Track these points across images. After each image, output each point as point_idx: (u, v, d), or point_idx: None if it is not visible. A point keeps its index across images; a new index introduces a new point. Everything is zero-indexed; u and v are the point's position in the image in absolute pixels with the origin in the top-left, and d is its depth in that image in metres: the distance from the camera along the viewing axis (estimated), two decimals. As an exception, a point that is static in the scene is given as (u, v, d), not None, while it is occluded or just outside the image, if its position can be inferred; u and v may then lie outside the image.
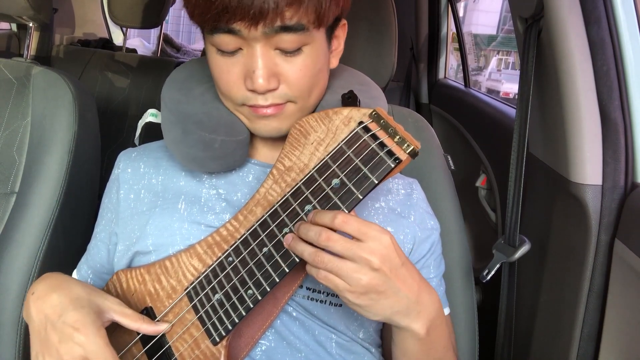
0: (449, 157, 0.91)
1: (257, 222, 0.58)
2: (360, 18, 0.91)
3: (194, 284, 0.61)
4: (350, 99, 0.60)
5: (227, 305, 0.59)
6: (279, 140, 0.68)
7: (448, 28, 2.13)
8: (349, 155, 0.55)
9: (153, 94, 1.79)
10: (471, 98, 1.77)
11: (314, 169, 0.56)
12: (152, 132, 0.90)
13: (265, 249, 0.57)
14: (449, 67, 2.19)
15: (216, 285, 0.60)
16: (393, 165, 0.53)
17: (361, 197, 0.53)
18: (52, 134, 0.90)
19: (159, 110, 0.86)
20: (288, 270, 0.56)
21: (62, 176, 0.88)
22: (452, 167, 0.90)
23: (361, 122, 0.56)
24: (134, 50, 2.30)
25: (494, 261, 0.84)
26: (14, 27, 1.98)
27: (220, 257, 0.60)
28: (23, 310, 0.61)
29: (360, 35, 0.91)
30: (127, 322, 0.60)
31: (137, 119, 0.94)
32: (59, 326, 0.55)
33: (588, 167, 0.77)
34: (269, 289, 0.57)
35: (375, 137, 0.54)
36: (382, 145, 0.53)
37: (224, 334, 0.59)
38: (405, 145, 0.53)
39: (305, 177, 0.57)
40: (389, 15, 0.92)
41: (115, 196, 0.72)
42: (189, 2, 0.58)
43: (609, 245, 0.76)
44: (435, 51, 2.16)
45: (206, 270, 0.61)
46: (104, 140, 1.05)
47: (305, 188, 0.56)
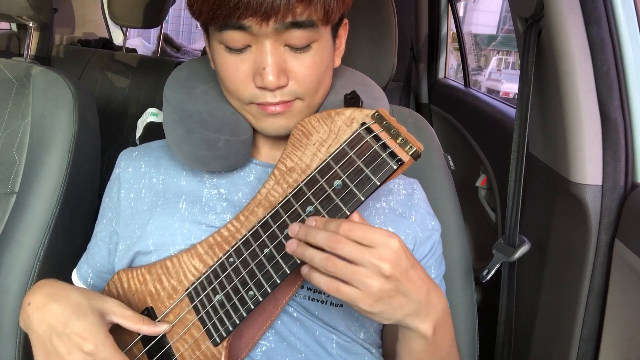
0: (449, 157, 0.91)
1: (258, 223, 0.58)
2: (361, 18, 0.91)
3: (194, 285, 0.61)
4: (352, 100, 0.59)
5: (228, 306, 0.59)
6: (281, 140, 0.68)
7: (448, 28, 2.13)
8: (351, 156, 0.54)
9: (153, 94, 1.79)
10: (471, 98, 1.77)
11: (315, 170, 0.56)
12: (153, 132, 0.89)
13: (266, 250, 0.57)
14: (449, 67, 2.19)
15: (217, 286, 0.60)
16: (395, 167, 0.52)
17: (363, 199, 0.53)
18: (52, 134, 0.90)
19: (160, 109, 0.86)
20: (289, 272, 0.56)
21: (62, 176, 0.88)
22: (452, 167, 0.90)
23: (364, 123, 0.55)
24: (134, 50, 2.30)
25: (493, 261, 0.84)
26: (14, 27, 1.98)
27: (221, 257, 0.60)
28: (20, 320, 0.60)
29: (361, 35, 0.91)
30: (127, 323, 0.60)
31: (137, 119, 0.94)
32: (65, 337, 0.55)
33: (588, 167, 0.77)
34: (270, 290, 0.56)
35: (377, 138, 0.54)
36: (385, 146, 0.53)
37: (224, 334, 0.59)
38: (408, 147, 0.52)
39: (307, 178, 0.56)
40: (389, 15, 0.92)
41: (116, 195, 0.72)
42: (196, 0, 0.58)
43: (609, 245, 0.76)
44: (435, 51, 2.15)
45: (207, 271, 0.61)
46: (104, 140, 1.05)
47: (307, 189, 0.56)
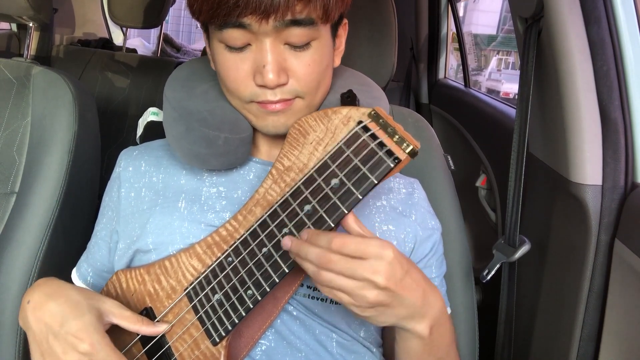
0: (449, 157, 0.91)
1: (256, 223, 0.58)
2: (361, 18, 0.91)
3: (193, 285, 0.61)
4: (349, 99, 0.60)
5: (227, 305, 0.59)
6: (281, 138, 0.68)
7: (448, 28, 2.13)
8: (348, 155, 0.54)
9: (153, 94, 1.79)
10: (471, 98, 1.77)
11: (313, 168, 0.56)
12: (154, 131, 0.89)
13: (264, 249, 0.57)
14: (449, 67, 2.19)
15: (216, 286, 0.60)
16: (392, 165, 0.52)
17: (361, 197, 0.53)
18: (52, 134, 0.90)
19: (160, 109, 0.86)
20: (288, 271, 0.56)
21: (62, 176, 0.88)
22: (452, 167, 0.90)
23: (360, 122, 0.55)
24: (134, 50, 2.30)
25: (494, 261, 0.84)
26: (14, 27, 1.98)
27: (219, 257, 0.60)
28: (19, 318, 0.60)
29: (361, 35, 0.91)
30: (126, 324, 0.60)
31: (137, 119, 0.94)
32: (61, 336, 0.55)
33: (588, 167, 0.77)
34: (268, 290, 0.56)
35: (374, 136, 0.54)
36: (382, 144, 0.53)
37: (223, 334, 0.59)
38: (405, 144, 0.52)
39: (304, 176, 0.56)
40: (389, 15, 0.92)
41: (116, 194, 0.72)
42: None
43: (609, 245, 0.76)
44: (435, 51, 2.15)
45: (206, 271, 0.61)
46: (104, 140, 1.05)
47: (305, 188, 0.56)
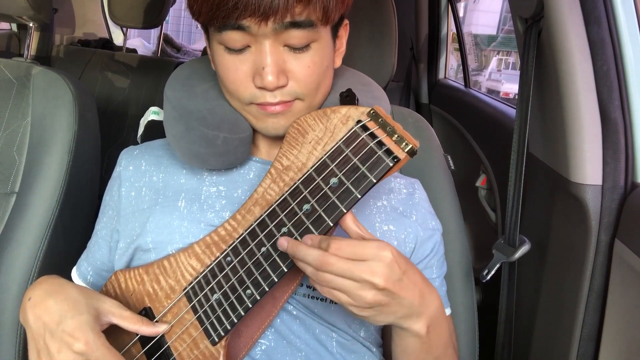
0: (449, 157, 0.91)
1: (255, 222, 0.58)
2: (361, 18, 0.91)
3: (192, 284, 0.61)
4: (348, 98, 0.60)
5: (226, 305, 0.59)
6: (281, 138, 0.68)
7: (448, 28, 2.13)
8: (347, 154, 0.54)
9: (153, 94, 1.79)
10: (471, 98, 1.77)
11: (312, 168, 0.56)
12: (154, 130, 0.90)
13: (263, 249, 0.57)
14: (449, 67, 2.19)
15: (215, 286, 0.60)
16: (391, 164, 0.52)
17: (360, 196, 0.53)
18: (52, 134, 0.90)
19: (161, 108, 0.86)
20: (287, 270, 0.56)
21: (62, 176, 0.88)
22: (452, 167, 0.90)
23: (359, 121, 0.55)
24: (134, 50, 2.30)
25: (494, 261, 0.84)
26: (14, 27, 1.98)
27: (218, 257, 0.60)
28: (20, 314, 0.60)
29: (361, 35, 0.91)
30: (126, 324, 0.59)
31: (137, 118, 0.94)
32: (58, 335, 0.55)
33: (588, 167, 0.77)
34: (267, 289, 0.56)
35: (373, 135, 0.54)
36: (381, 144, 0.53)
37: (222, 334, 0.59)
38: (404, 143, 0.52)
39: (303, 176, 0.56)
40: (389, 15, 0.92)
41: (116, 193, 0.72)
42: (196, 0, 0.58)
43: (609, 245, 0.76)
44: (435, 51, 2.15)
45: (205, 270, 0.61)
46: (104, 140, 1.05)
47: (304, 187, 0.56)
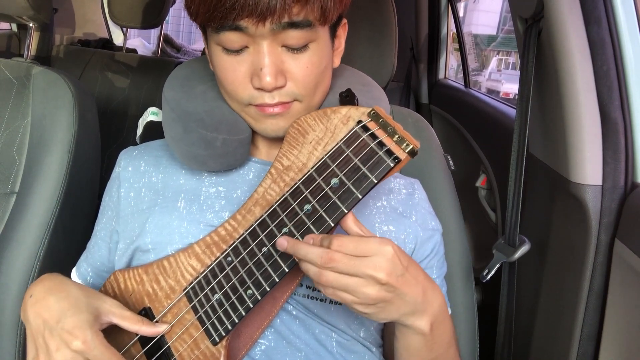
0: (449, 157, 0.91)
1: (255, 222, 0.58)
2: (361, 18, 0.91)
3: (192, 284, 0.61)
4: (347, 98, 0.59)
5: (227, 305, 0.58)
6: (281, 139, 0.68)
7: (448, 28, 2.13)
8: (347, 154, 0.54)
9: (153, 94, 1.79)
10: (471, 98, 1.77)
11: (312, 168, 0.56)
12: (154, 131, 0.90)
13: (264, 249, 0.57)
14: (449, 67, 2.19)
15: (215, 286, 0.60)
16: (392, 165, 0.52)
17: (360, 197, 0.53)
18: (52, 134, 0.90)
19: (160, 109, 0.86)
20: (288, 270, 0.56)
21: (62, 176, 0.88)
22: (452, 167, 0.90)
23: (360, 121, 0.55)
24: (134, 50, 2.30)
25: (494, 261, 0.84)
26: (14, 27, 1.98)
27: (219, 257, 0.60)
28: (21, 311, 0.60)
29: (361, 35, 0.91)
30: (126, 324, 0.59)
31: (137, 119, 0.94)
32: (57, 333, 0.55)
33: (588, 167, 0.77)
34: (268, 289, 0.56)
35: (374, 136, 0.54)
36: (381, 144, 0.53)
37: (223, 334, 0.59)
38: (405, 144, 0.52)
39: (304, 176, 0.56)
40: (389, 15, 0.92)
41: (116, 194, 0.72)
42: (193, 1, 0.58)
43: (609, 245, 0.76)
44: (435, 51, 2.15)
45: (205, 271, 0.60)
46: (104, 140, 1.05)
47: (304, 187, 0.56)
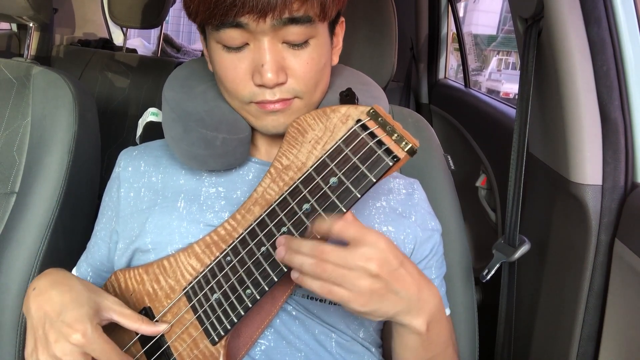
0: (449, 157, 0.91)
1: (255, 222, 0.58)
2: (361, 18, 0.91)
3: (192, 284, 0.61)
4: (348, 97, 0.59)
5: (226, 304, 0.59)
6: (280, 138, 0.68)
7: (448, 28, 2.13)
8: (346, 153, 0.54)
9: (153, 94, 1.79)
10: (471, 98, 1.77)
11: (311, 167, 0.56)
12: (153, 131, 0.90)
13: (263, 249, 0.57)
14: (449, 67, 2.19)
15: (214, 285, 0.60)
16: (391, 164, 0.52)
17: (359, 196, 0.53)
18: (52, 134, 0.90)
19: (160, 109, 0.86)
20: (286, 270, 0.55)
21: (62, 176, 0.89)
22: (452, 167, 0.90)
23: (359, 120, 0.55)
24: (134, 50, 2.30)
25: (494, 261, 0.84)
26: (14, 27, 1.98)
27: (218, 256, 0.60)
28: (23, 304, 0.61)
29: (361, 35, 0.91)
30: (126, 322, 0.60)
31: (137, 119, 0.94)
32: (57, 326, 0.55)
33: (588, 167, 0.77)
34: (267, 289, 0.56)
35: (373, 135, 0.54)
36: (380, 143, 0.53)
37: (222, 333, 0.59)
38: (404, 143, 0.52)
39: (302, 175, 0.56)
40: (389, 15, 0.92)
41: (115, 194, 0.72)
42: (192, 0, 0.58)
43: (609, 245, 0.76)
44: (435, 51, 2.15)
45: (204, 270, 0.61)
46: (104, 140, 1.05)
47: (303, 187, 0.56)
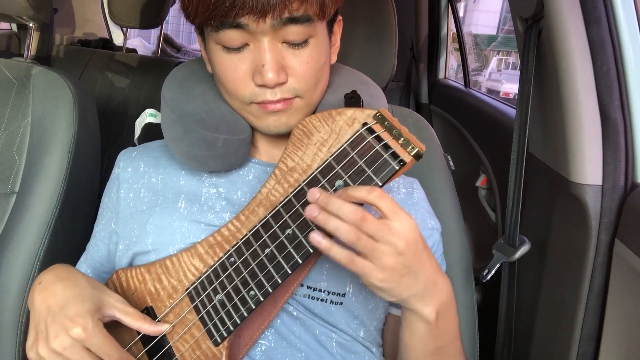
0: (449, 157, 0.91)
1: (259, 223, 0.58)
2: (361, 18, 0.91)
3: (195, 284, 0.61)
4: (353, 100, 0.59)
5: (229, 306, 0.59)
6: (281, 139, 0.68)
7: (448, 28, 2.13)
8: (352, 156, 0.54)
9: (153, 94, 1.79)
10: (471, 98, 1.77)
11: (317, 169, 0.56)
12: (152, 133, 0.89)
13: (267, 250, 0.57)
14: (449, 67, 2.19)
15: (218, 286, 0.60)
16: (397, 168, 0.52)
17: None
18: (52, 134, 0.90)
19: (158, 110, 0.86)
20: (290, 272, 0.56)
21: (62, 176, 0.88)
22: (452, 167, 0.90)
23: (365, 124, 0.55)
24: (134, 50, 2.29)
25: (494, 261, 0.84)
26: (14, 27, 1.98)
27: (222, 257, 0.60)
28: (28, 297, 0.61)
29: (361, 35, 0.91)
30: (128, 320, 0.60)
31: (137, 119, 0.94)
32: (59, 320, 0.55)
33: (588, 167, 0.77)
34: (271, 290, 0.56)
35: (379, 138, 0.54)
36: (387, 147, 0.53)
37: (225, 334, 0.59)
38: (410, 147, 0.52)
39: (308, 177, 0.56)
40: (389, 15, 0.92)
41: (115, 195, 0.72)
42: (191, 1, 0.58)
43: (609, 245, 0.76)
44: (435, 51, 2.16)
45: (207, 271, 0.61)
46: (104, 140, 1.05)
47: (308, 189, 0.56)
